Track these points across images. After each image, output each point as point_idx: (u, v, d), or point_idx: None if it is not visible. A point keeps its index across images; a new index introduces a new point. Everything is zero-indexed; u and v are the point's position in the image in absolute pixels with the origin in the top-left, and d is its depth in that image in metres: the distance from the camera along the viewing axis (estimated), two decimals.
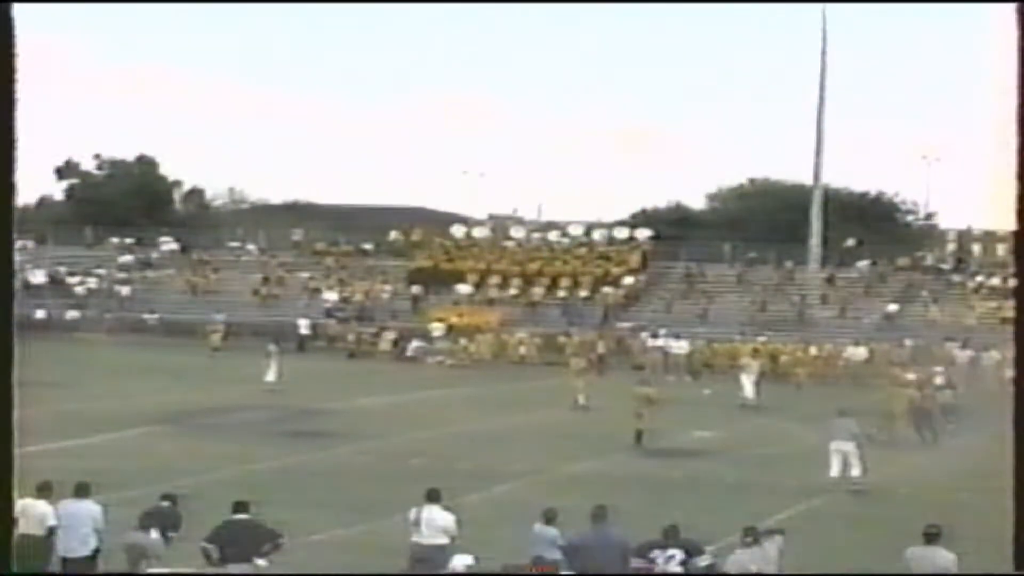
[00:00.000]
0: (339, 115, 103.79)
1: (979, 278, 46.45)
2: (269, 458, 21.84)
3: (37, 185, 58.57)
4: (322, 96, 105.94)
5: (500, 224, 53.43)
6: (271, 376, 32.51)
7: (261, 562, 11.70)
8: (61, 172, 56.86)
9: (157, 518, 12.53)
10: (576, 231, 49.76)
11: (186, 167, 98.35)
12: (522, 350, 42.41)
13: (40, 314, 45.73)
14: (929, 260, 48.88)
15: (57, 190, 58.45)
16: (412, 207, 60.76)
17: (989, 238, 58.46)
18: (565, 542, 12.08)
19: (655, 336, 41.29)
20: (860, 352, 40.33)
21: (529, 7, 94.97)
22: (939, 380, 30.01)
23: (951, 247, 58.90)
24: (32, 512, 12.01)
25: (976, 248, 59.35)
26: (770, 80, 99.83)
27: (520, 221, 55.95)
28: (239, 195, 64.48)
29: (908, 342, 40.48)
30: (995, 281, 45.60)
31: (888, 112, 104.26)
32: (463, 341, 43.03)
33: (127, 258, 50.28)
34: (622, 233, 50.03)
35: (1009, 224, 4.31)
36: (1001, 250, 53.02)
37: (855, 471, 20.32)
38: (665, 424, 25.48)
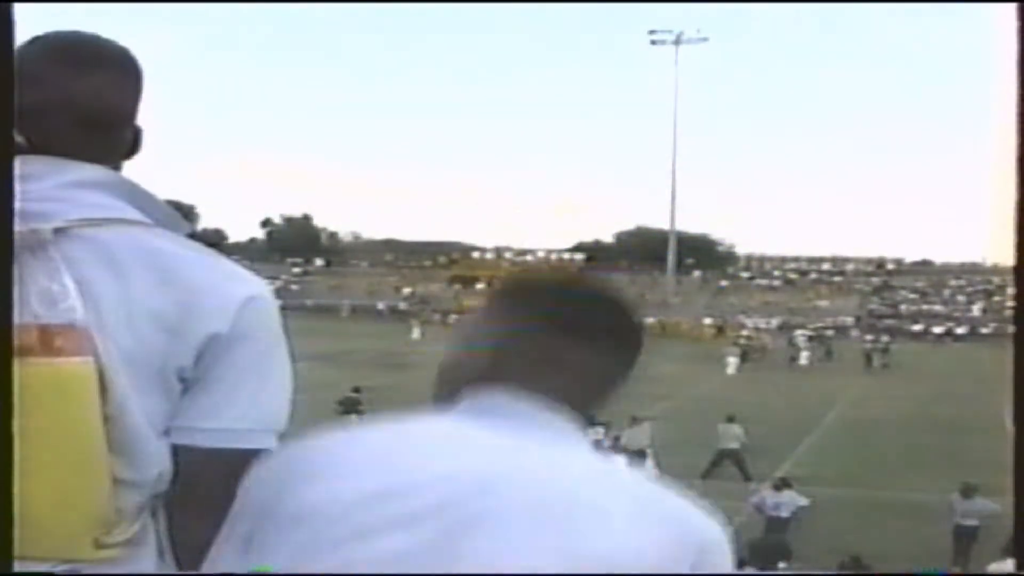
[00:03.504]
0: (415, 188, 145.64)
1: (756, 280, 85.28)
2: (374, 379, 28.33)
3: (249, 230, 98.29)
4: (406, 172, 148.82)
5: (499, 252, 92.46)
6: (416, 335, 54.35)
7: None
8: (264, 223, 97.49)
9: (349, 404, 20.58)
10: (541, 255, 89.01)
11: (326, 218, 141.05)
12: None
13: None
14: (731, 271, 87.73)
15: (261, 233, 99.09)
16: (454, 242, 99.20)
17: (760, 258, 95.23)
18: None
19: None
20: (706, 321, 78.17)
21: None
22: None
23: (742, 263, 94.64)
24: None
25: (755, 264, 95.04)
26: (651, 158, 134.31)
27: (509, 249, 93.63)
28: (357, 235, 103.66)
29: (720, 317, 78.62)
30: (764, 281, 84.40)
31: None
32: None
33: (296, 270, 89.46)
34: (566, 256, 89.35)
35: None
36: (768, 265, 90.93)
37: (731, 370, 37.94)
38: None
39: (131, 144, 1.48)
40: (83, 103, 1.38)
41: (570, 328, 1.30)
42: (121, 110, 1.44)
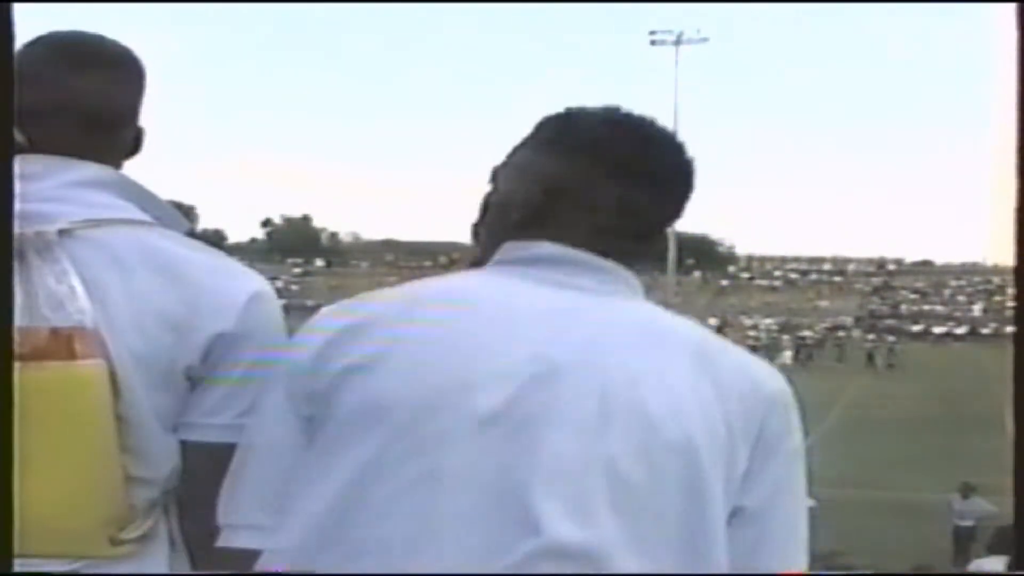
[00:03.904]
0: (415, 188, 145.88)
1: (757, 280, 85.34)
2: None
3: (249, 230, 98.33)
4: (406, 172, 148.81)
5: None
6: None
7: None
8: (264, 224, 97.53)
9: None
10: None
11: (326, 219, 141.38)
12: None
13: None
14: (731, 271, 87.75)
15: (261, 234, 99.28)
16: (454, 242, 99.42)
17: (760, 258, 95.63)
18: None
19: None
20: (711, 321, 78.59)
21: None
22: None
23: (743, 263, 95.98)
24: None
25: (755, 264, 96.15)
26: None
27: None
28: (357, 235, 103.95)
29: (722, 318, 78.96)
30: (764, 282, 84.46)
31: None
32: None
33: (296, 271, 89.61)
34: None
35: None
36: (768, 265, 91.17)
37: None
38: None
39: (133, 144, 1.49)
40: (84, 102, 1.39)
41: (623, 169, 1.26)
42: (123, 110, 1.45)
